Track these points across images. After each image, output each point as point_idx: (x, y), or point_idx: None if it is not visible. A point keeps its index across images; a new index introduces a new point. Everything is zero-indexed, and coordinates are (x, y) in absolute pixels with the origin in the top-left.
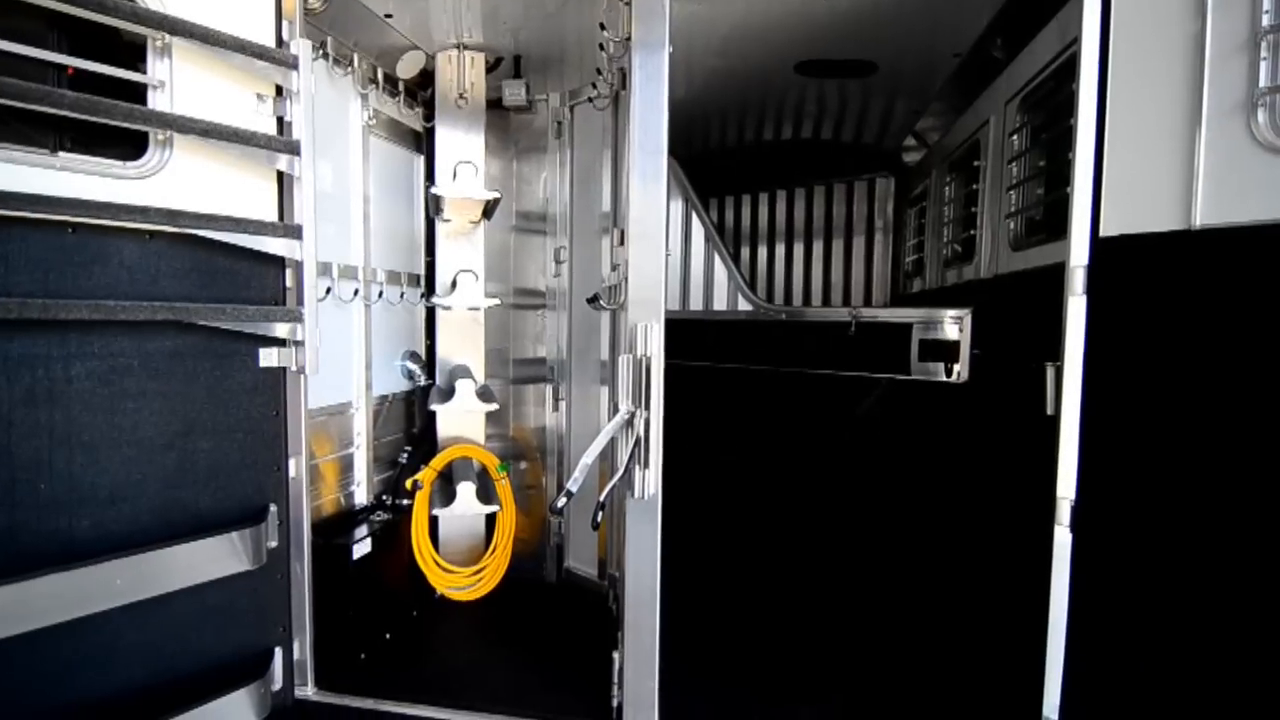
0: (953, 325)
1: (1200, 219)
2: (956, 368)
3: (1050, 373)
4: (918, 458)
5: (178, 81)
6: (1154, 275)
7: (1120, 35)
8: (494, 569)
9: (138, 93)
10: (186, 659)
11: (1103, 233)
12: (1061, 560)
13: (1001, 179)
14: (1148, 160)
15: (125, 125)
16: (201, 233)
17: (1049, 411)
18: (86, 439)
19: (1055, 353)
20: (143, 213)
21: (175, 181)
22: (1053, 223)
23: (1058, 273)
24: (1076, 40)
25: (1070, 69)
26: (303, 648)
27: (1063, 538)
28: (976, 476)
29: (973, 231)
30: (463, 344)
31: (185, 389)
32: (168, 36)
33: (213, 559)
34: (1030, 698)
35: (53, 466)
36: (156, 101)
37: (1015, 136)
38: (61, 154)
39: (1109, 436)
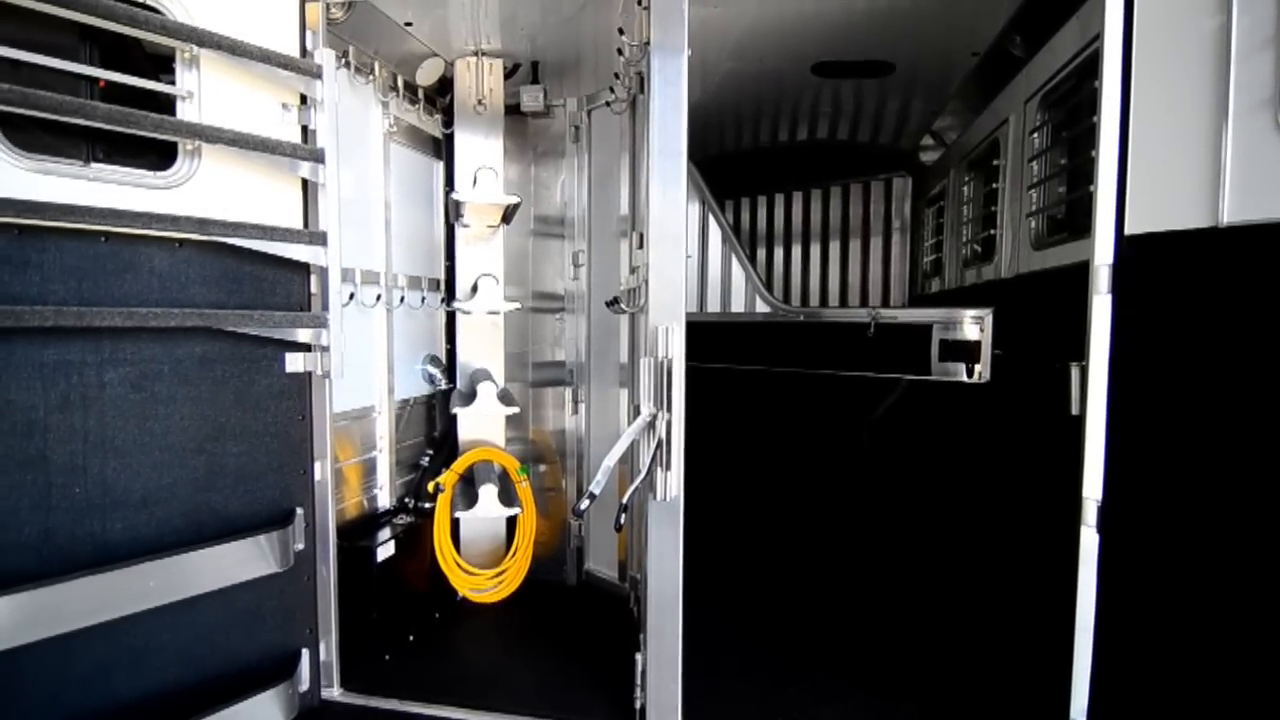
0: (973, 325)
1: (1227, 216)
2: (978, 368)
3: (1075, 372)
4: (940, 459)
5: (205, 92)
6: (1181, 273)
7: (1143, 31)
8: (515, 571)
9: (166, 104)
10: (216, 660)
11: (1128, 231)
12: (1088, 562)
13: (1022, 177)
14: (1173, 157)
15: (155, 136)
16: (229, 240)
17: (1074, 411)
18: (119, 443)
19: (1079, 352)
20: (173, 221)
21: (203, 190)
22: (1075, 221)
23: (1081, 272)
24: (1098, 37)
25: (1092, 66)
26: (329, 649)
27: (1089, 539)
28: (1000, 477)
29: (992, 231)
30: (483, 348)
31: (214, 394)
32: (196, 48)
33: (241, 561)
34: (1057, 699)
35: (87, 471)
36: (185, 112)
37: (1035, 135)
38: (94, 165)
39: (1136, 436)
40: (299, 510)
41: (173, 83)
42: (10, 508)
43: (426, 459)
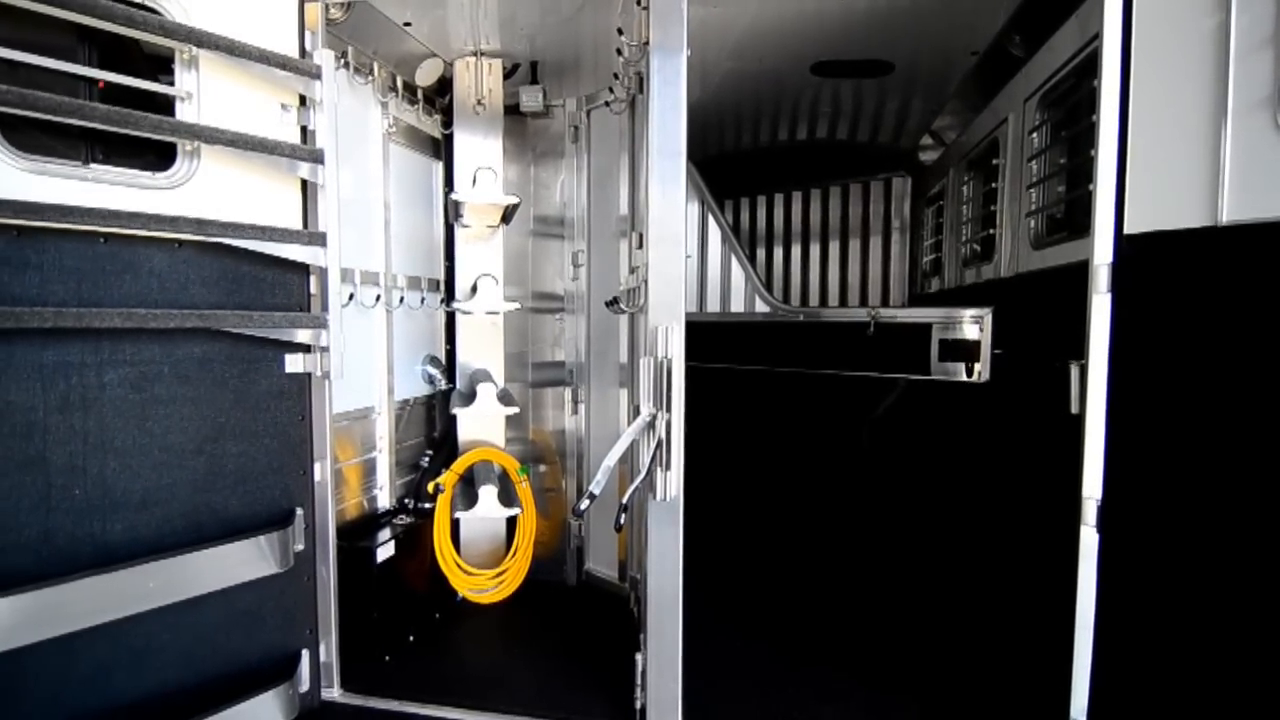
0: (973, 325)
1: (1226, 215)
2: (977, 367)
3: (1075, 371)
4: (940, 459)
5: (204, 93)
6: (1180, 272)
7: (1142, 30)
8: (515, 571)
9: (165, 105)
10: (216, 661)
11: (1127, 230)
12: (1088, 561)
13: (1021, 177)
14: (1172, 156)
15: (154, 136)
16: (229, 241)
17: (1074, 410)
18: (119, 444)
19: (1079, 351)
20: (172, 222)
21: (202, 191)
22: (1074, 220)
23: (1080, 271)
24: (1098, 36)
25: (1091, 65)
26: (329, 650)
27: (1089, 538)
28: (1000, 477)
29: (992, 230)
30: (482, 348)
31: (214, 395)
32: (194, 49)
33: (242, 562)
34: (1057, 699)
35: (87, 472)
36: (184, 113)
37: (1035, 134)
38: (93, 165)
39: (1135, 435)
40: (299, 510)
41: (171, 83)
42: (10, 509)
43: (426, 459)
